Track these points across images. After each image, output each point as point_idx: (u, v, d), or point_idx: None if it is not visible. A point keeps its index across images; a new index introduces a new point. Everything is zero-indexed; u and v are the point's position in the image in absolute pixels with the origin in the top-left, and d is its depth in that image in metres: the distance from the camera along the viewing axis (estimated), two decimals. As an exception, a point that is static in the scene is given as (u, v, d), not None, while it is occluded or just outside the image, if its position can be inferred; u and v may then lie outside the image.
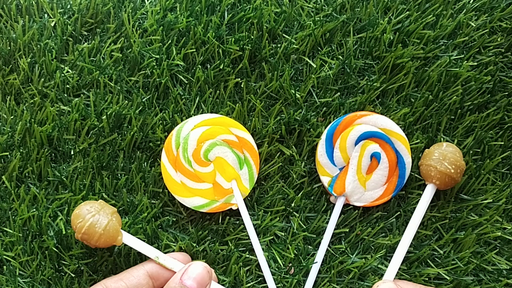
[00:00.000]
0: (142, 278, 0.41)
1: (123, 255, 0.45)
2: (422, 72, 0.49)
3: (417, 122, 0.49)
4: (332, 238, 0.47)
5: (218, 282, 0.45)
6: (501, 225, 0.48)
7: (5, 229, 0.46)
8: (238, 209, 0.47)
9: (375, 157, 0.47)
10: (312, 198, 0.48)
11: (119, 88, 0.48)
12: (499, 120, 0.49)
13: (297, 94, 0.48)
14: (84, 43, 0.49)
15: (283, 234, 0.47)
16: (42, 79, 0.48)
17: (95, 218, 0.41)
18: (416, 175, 0.48)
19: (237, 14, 0.49)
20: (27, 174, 0.47)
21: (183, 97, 0.48)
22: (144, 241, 0.46)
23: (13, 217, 0.46)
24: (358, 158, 0.47)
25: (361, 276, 0.46)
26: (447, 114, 0.49)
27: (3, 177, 0.46)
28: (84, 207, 0.42)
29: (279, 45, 0.49)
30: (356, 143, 0.47)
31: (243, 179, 0.47)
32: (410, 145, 0.48)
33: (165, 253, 0.46)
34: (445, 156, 0.45)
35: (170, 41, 0.49)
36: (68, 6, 0.49)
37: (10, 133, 0.47)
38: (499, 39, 0.50)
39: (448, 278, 0.46)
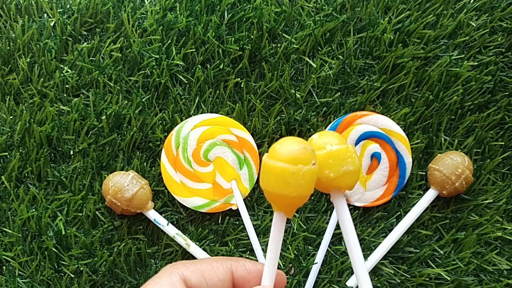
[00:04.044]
0: (226, 282, 0.32)
1: (123, 255, 0.45)
2: (422, 72, 0.49)
3: (417, 122, 0.49)
4: (332, 239, 0.47)
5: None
6: (501, 225, 0.47)
7: (4, 229, 0.45)
8: (238, 209, 0.46)
9: (375, 157, 0.47)
10: (312, 198, 0.48)
11: (118, 88, 0.48)
12: (500, 120, 0.49)
13: (297, 94, 0.48)
14: (83, 43, 0.49)
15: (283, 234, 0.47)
16: (42, 79, 0.48)
17: (127, 182, 0.44)
18: (418, 173, 0.48)
19: (237, 14, 0.49)
20: (26, 174, 0.46)
21: (183, 97, 0.48)
22: (144, 241, 0.46)
23: (13, 217, 0.46)
24: (358, 158, 0.47)
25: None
26: (447, 114, 0.49)
27: (2, 177, 0.46)
28: (118, 175, 0.45)
29: (279, 45, 0.49)
30: (357, 143, 0.47)
31: (243, 179, 0.47)
32: (411, 145, 0.48)
33: (165, 252, 0.46)
34: (456, 167, 0.45)
35: (169, 41, 0.48)
36: (68, 6, 0.49)
37: (9, 133, 0.47)
38: (499, 39, 0.50)
39: (448, 278, 0.46)
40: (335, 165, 0.30)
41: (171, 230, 0.45)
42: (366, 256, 0.46)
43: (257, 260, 0.46)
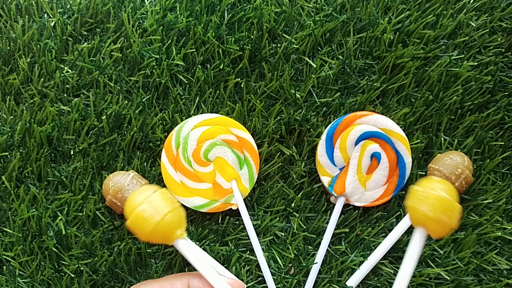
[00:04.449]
0: None
1: (123, 255, 0.45)
2: (422, 72, 0.49)
3: (417, 122, 0.49)
4: (332, 238, 0.47)
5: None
6: (501, 225, 0.47)
7: (5, 229, 0.45)
8: (238, 209, 0.47)
9: (375, 157, 0.47)
10: (312, 198, 0.48)
11: (119, 88, 0.48)
12: (499, 120, 0.49)
13: (297, 94, 0.48)
14: (83, 43, 0.49)
15: (283, 234, 0.47)
16: (42, 79, 0.48)
17: (128, 182, 0.43)
18: (418, 173, 0.48)
19: (237, 14, 0.49)
20: (26, 174, 0.47)
21: (183, 97, 0.48)
22: (144, 241, 0.46)
23: (13, 217, 0.46)
24: (358, 158, 0.47)
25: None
26: (447, 114, 0.49)
27: (2, 177, 0.46)
28: (118, 175, 0.44)
29: (279, 45, 0.49)
30: (356, 143, 0.47)
31: (243, 179, 0.47)
32: (411, 145, 0.48)
33: (165, 252, 0.46)
34: (456, 167, 0.45)
35: (170, 41, 0.49)
36: (68, 6, 0.49)
37: (9, 133, 0.47)
38: (499, 39, 0.50)
39: (448, 278, 0.46)
40: (438, 209, 0.37)
41: None
42: (366, 256, 0.46)
43: (256, 259, 0.46)
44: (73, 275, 0.45)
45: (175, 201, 0.37)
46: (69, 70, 0.48)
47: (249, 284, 0.46)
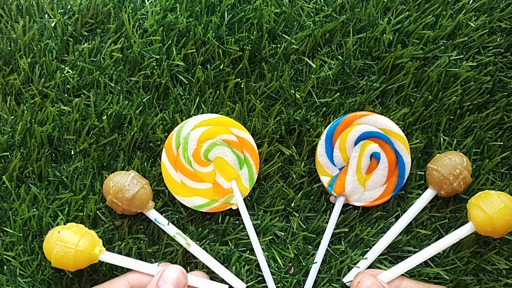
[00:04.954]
0: None
1: (124, 255, 0.45)
2: (421, 72, 0.49)
3: (416, 122, 0.49)
4: (332, 238, 0.47)
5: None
6: (500, 225, 0.48)
7: (5, 229, 0.46)
8: (238, 209, 0.47)
9: (374, 157, 0.48)
10: (312, 198, 0.48)
11: (119, 88, 0.48)
12: (499, 120, 0.49)
13: (297, 94, 0.48)
14: (84, 43, 0.49)
15: (283, 234, 0.47)
16: (43, 79, 0.48)
17: (128, 182, 0.44)
18: (417, 173, 0.48)
19: (237, 15, 0.49)
20: (27, 174, 0.47)
21: (183, 97, 0.48)
22: (145, 240, 0.46)
23: (14, 217, 0.46)
24: (358, 158, 0.47)
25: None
26: (446, 114, 0.49)
27: (3, 177, 0.46)
28: (118, 174, 0.45)
29: (279, 45, 0.49)
30: (356, 143, 0.47)
31: (243, 179, 0.47)
32: (410, 145, 0.48)
33: (165, 251, 0.46)
34: (454, 168, 0.45)
35: (170, 42, 0.49)
36: (69, 7, 0.49)
37: (10, 133, 0.47)
38: (498, 40, 0.50)
39: (447, 277, 0.46)
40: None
41: (172, 230, 0.45)
42: (363, 255, 0.46)
43: (256, 258, 0.46)
44: (73, 275, 0.45)
45: (81, 229, 0.42)
46: (69, 71, 0.48)
47: (249, 284, 0.46)
